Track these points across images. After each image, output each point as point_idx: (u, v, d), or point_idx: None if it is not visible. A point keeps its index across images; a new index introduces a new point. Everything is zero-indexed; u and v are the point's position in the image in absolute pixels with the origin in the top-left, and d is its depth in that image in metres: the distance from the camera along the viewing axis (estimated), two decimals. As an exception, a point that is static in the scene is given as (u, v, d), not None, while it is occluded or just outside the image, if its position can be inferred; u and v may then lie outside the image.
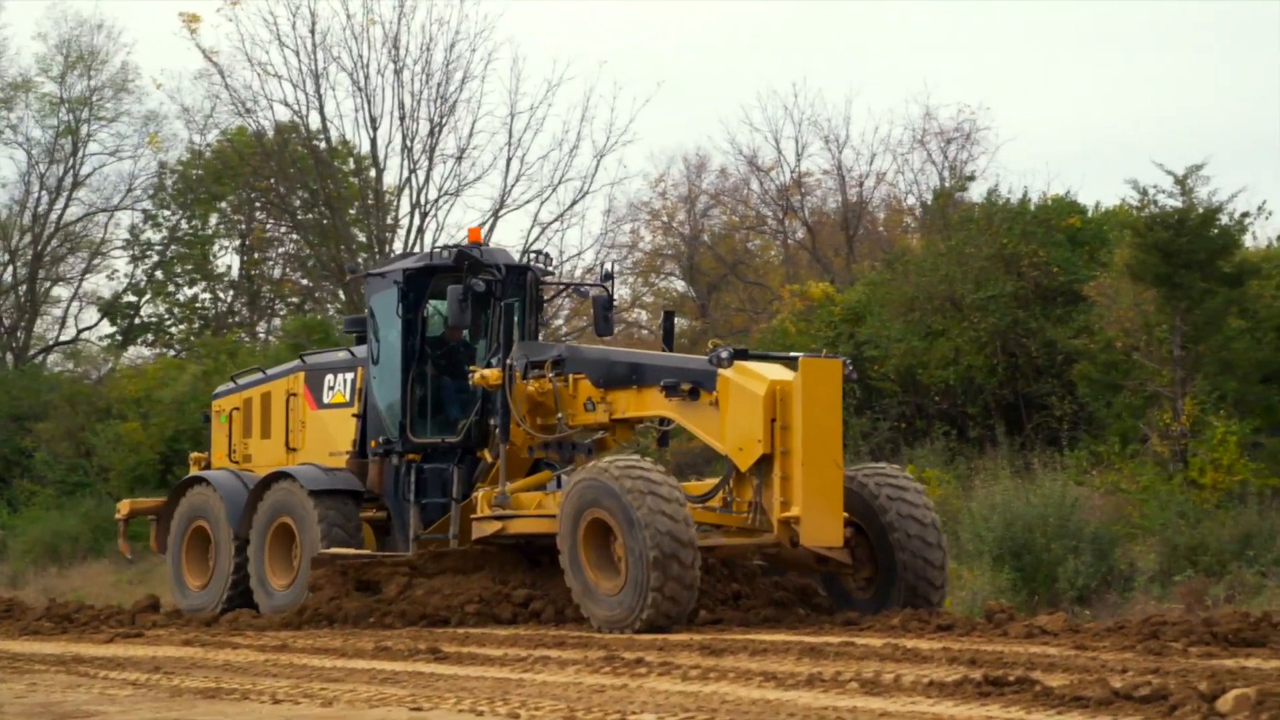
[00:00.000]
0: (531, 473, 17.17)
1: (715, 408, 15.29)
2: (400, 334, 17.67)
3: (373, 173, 35.90)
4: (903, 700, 9.68)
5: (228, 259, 46.74)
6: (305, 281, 44.99)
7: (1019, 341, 28.13)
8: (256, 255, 45.88)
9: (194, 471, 19.85)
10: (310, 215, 37.67)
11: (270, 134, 36.39)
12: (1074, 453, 25.32)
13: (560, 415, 16.49)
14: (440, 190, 35.11)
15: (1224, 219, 26.48)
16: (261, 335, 45.77)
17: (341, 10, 35.54)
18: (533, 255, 18.36)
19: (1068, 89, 63.25)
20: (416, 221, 35.00)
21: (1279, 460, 23.92)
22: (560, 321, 36.01)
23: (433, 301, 17.78)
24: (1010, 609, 14.86)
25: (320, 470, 18.05)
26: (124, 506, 20.55)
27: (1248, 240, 28.21)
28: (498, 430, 16.71)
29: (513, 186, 35.26)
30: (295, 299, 45.72)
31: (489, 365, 16.97)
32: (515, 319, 17.30)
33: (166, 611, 18.49)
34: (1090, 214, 31.91)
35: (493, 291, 17.21)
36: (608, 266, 18.45)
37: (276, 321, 45.98)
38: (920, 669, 11.00)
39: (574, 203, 35.90)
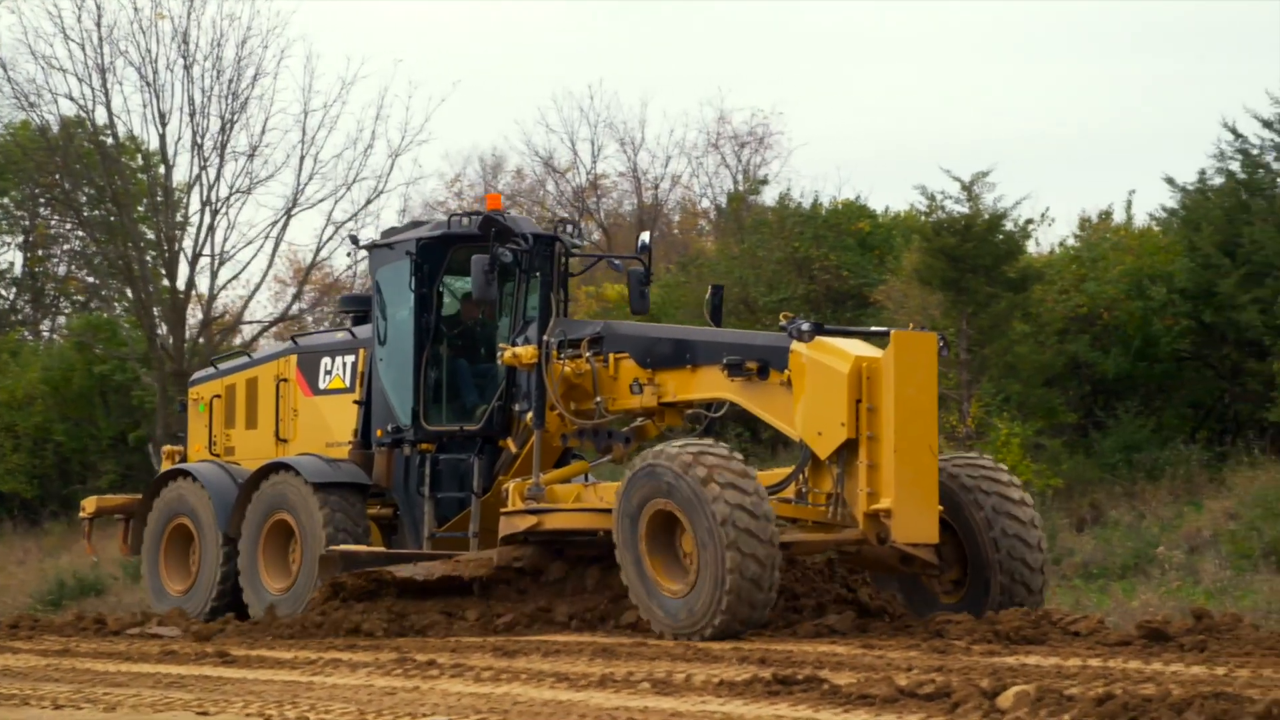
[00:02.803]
0: (559, 463, 15.72)
1: (787, 388, 13.67)
2: (413, 311, 15.97)
3: (161, 169, 35.22)
4: (693, 700, 9.74)
5: (10, 255, 45.65)
6: (91, 279, 44.07)
7: (810, 344, 28.46)
8: (40, 252, 44.83)
9: (166, 465, 18.17)
10: (96, 212, 36.82)
11: (55, 128, 35.51)
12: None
13: (599, 399, 14.94)
14: (232, 188, 34.50)
15: (1008, 225, 27.11)
16: (46, 334, 44.78)
17: (129, 4, 34.75)
18: (561, 224, 16.44)
19: (858, 95, 64.27)
20: (207, 219, 34.45)
21: (1060, 461, 24.51)
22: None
23: (445, 278, 16.18)
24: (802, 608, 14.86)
25: (323, 461, 16.38)
26: (89, 504, 18.81)
27: (1031, 246, 28.94)
28: (530, 415, 15.07)
29: (306, 184, 34.79)
30: (81, 297, 44.78)
31: (517, 343, 15.34)
32: (550, 293, 15.64)
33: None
34: (880, 219, 32.48)
35: (519, 263, 15.62)
36: (644, 239, 16.43)
37: (61, 320, 45.00)
38: (711, 668, 11.08)
39: (368, 202, 35.49)
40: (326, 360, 17.09)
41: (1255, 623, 13.40)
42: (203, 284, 34.88)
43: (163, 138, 34.33)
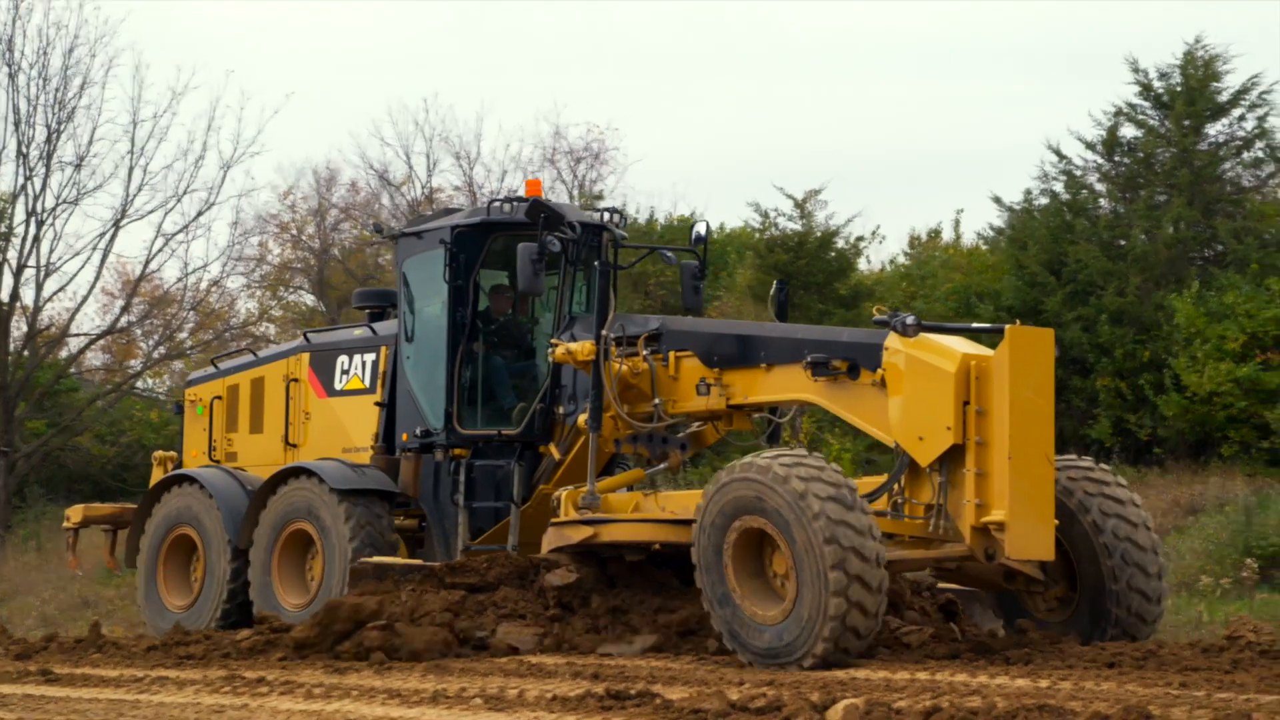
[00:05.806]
0: (605, 471, 14.62)
1: (880, 389, 12.44)
2: (446, 305, 14.84)
3: (-14, 178, 34.67)
4: (526, 716, 9.73)
5: None
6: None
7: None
8: None
9: (158, 472, 16.89)
10: (-83, 222, 36.06)
11: (-126, 135, 34.70)
12: (698, 470, 25.87)
13: (658, 401, 13.80)
14: (59, 198, 34.00)
15: (840, 243, 27.46)
16: None
17: (-48, 9, 34.09)
18: (608, 214, 15.24)
19: (693, 112, 64.68)
20: (33, 230, 33.83)
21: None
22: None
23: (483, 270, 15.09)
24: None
25: (347, 466, 15.15)
26: (75, 514, 17.32)
27: (862, 264, 29.37)
28: (584, 417, 13.91)
29: (135, 196, 34.35)
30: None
31: (563, 339, 14.28)
32: (608, 285, 14.33)
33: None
34: (715, 235, 32.71)
35: (565, 253, 14.62)
36: (699, 229, 15.12)
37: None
38: (544, 684, 11.07)
39: (199, 214, 35.12)
40: (343, 359, 15.94)
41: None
42: (28, 296, 34.30)
43: (-14, 147, 33.73)
